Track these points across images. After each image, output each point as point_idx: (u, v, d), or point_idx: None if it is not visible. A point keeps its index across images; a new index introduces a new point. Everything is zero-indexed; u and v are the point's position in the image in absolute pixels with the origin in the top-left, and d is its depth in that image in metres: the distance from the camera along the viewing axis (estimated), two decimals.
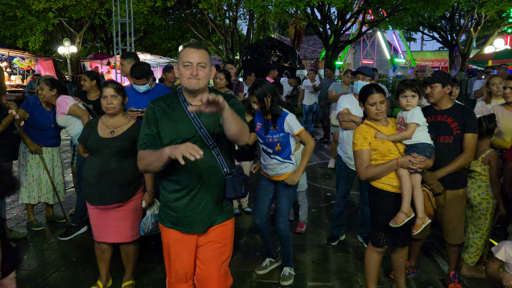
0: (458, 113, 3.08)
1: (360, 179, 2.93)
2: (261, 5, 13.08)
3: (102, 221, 3.03)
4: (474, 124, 3.07)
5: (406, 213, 2.70)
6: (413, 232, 2.76)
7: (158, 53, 24.02)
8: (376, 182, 2.83)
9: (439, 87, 3.07)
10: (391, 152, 2.75)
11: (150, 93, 3.84)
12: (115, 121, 3.02)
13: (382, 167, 2.75)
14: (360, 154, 2.80)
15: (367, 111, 2.85)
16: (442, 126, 3.08)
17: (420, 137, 2.73)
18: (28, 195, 4.38)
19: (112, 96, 2.93)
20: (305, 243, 4.20)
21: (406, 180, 2.69)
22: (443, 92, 3.09)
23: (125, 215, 3.04)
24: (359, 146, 2.80)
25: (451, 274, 3.32)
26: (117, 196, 2.94)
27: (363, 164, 2.79)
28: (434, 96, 3.09)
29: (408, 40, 34.64)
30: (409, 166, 2.66)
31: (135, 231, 3.12)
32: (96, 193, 2.94)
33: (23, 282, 3.39)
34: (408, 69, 27.75)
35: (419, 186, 2.75)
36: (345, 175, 4.03)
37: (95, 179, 2.92)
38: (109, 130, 2.97)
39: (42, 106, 4.26)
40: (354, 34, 22.30)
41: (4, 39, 18.23)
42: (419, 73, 7.49)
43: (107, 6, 15.16)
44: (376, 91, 2.77)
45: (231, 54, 19.23)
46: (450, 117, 3.07)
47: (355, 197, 5.43)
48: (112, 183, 2.91)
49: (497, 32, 19.82)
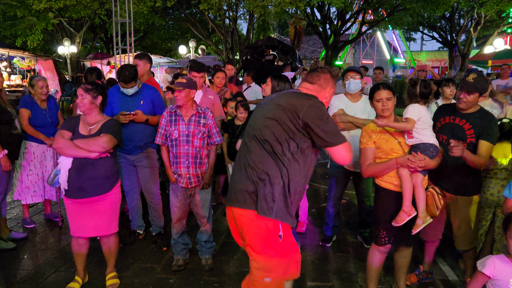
0: (479, 120, 2.90)
1: (363, 176, 2.97)
2: (261, 5, 13.08)
3: (81, 215, 3.10)
4: (492, 132, 2.88)
5: (407, 212, 2.70)
6: (412, 232, 2.76)
7: (158, 53, 24.00)
8: (379, 180, 2.88)
9: (476, 96, 2.90)
10: (394, 151, 2.77)
11: (139, 95, 3.84)
12: (92, 119, 3.14)
13: (382, 165, 2.79)
14: (364, 152, 2.87)
15: (375, 108, 2.89)
16: (457, 129, 2.95)
17: (423, 136, 2.72)
18: (32, 195, 4.42)
19: (81, 95, 3.07)
20: (305, 243, 4.20)
21: (406, 179, 2.71)
22: (477, 100, 2.94)
23: (104, 208, 3.12)
24: (364, 144, 2.87)
25: (468, 281, 3.23)
26: (97, 189, 3.04)
27: (365, 162, 2.86)
28: (468, 103, 2.92)
29: (408, 40, 34.63)
30: (408, 164, 2.66)
31: (114, 223, 3.22)
32: (75, 186, 3.00)
33: (23, 282, 3.39)
34: (408, 69, 27.73)
35: (421, 186, 2.74)
36: (341, 176, 3.99)
37: (75, 172, 2.99)
38: (88, 128, 3.11)
39: (37, 104, 4.29)
40: (354, 34, 22.31)
41: (4, 39, 18.23)
42: (420, 73, 7.47)
43: (107, 7, 15.15)
44: (382, 88, 2.83)
45: (231, 54, 19.21)
46: (468, 122, 2.93)
47: (354, 197, 5.42)
48: (92, 176, 3.00)
49: (497, 32, 19.79)
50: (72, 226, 3.16)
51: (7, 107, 3.90)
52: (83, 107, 3.07)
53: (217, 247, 3.99)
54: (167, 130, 3.41)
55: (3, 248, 3.93)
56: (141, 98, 3.84)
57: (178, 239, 3.61)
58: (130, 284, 3.37)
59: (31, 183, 4.40)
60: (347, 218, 4.89)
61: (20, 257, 3.85)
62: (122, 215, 4.40)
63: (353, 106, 3.83)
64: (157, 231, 4.14)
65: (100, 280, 3.41)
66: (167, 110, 3.45)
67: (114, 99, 3.82)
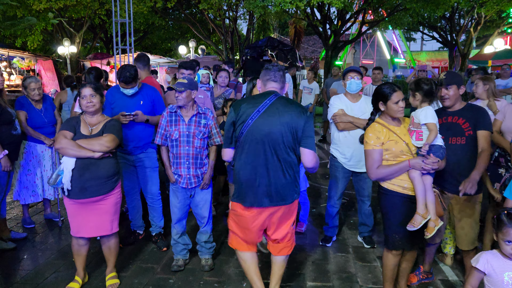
0: (470, 113, 2.99)
1: (370, 179, 2.91)
2: (261, 6, 13.06)
3: (82, 215, 3.10)
4: (485, 121, 2.97)
5: (422, 215, 2.67)
6: (426, 235, 2.72)
7: (158, 53, 24.01)
8: (387, 183, 2.80)
9: (455, 88, 2.97)
10: (404, 153, 2.72)
11: (139, 95, 3.83)
12: (94, 120, 3.15)
13: (394, 167, 2.72)
14: (372, 154, 2.77)
15: (390, 110, 2.79)
16: (454, 127, 2.99)
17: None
18: (31, 195, 4.42)
19: (91, 95, 3.06)
20: (305, 243, 4.20)
21: (418, 182, 2.67)
22: (458, 93, 2.99)
23: (106, 208, 3.13)
24: (372, 146, 2.76)
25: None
26: (100, 189, 3.04)
27: (374, 164, 2.76)
28: (451, 98, 2.99)
29: (408, 40, 34.57)
30: (422, 167, 2.64)
31: (115, 223, 3.23)
32: (78, 186, 3.00)
33: (23, 282, 3.39)
34: (408, 69, 27.73)
35: (431, 188, 2.72)
36: (341, 176, 3.98)
37: (78, 172, 2.99)
38: (90, 128, 3.11)
39: (32, 105, 4.29)
40: (354, 34, 22.29)
41: (4, 39, 18.22)
42: (420, 73, 7.46)
43: (107, 7, 15.14)
44: (397, 89, 2.78)
45: (231, 54, 19.21)
46: (461, 117, 2.99)
47: (354, 197, 5.42)
48: (94, 176, 3.01)
49: (497, 32, 19.79)
50: (72, 227, 3.17)
51: (7, 107, 3.90)
52: (93, 107, 3.08)
53: (217, 247, 3.99)
54: (167, 130, 3.41)
55: (3, 248, 3.93)
56: (141, 98, 3.83)
57: (178, 240, 3.61)
58: (130, 284, 3.37)
59: (30, 183, 4.40)
60: (347, 218, 4.89)
61: (20, 257, 3.85)
62: (122, 215, 4.41)
63: (353, 106, 3.83)
64: (157, 231, 4.14)
65: (100, 280, 3.41)
66: (167, 110, 3.45)
67: (114, 99, 3.82)
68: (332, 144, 4.03)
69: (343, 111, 3.78)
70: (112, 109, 3.80)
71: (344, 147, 3.87)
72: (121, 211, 3.64)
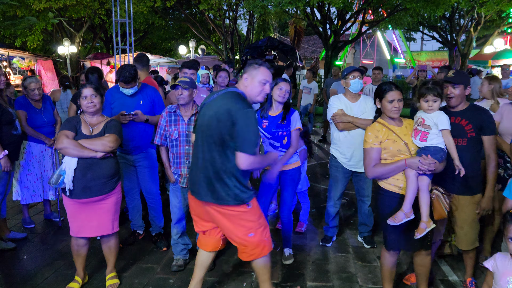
0: (473, 114, 2.95)
1: (367, 177, 2.91)
2: (260, 6, 13.06)
3: (83, 215, 3.10)
4: (491, 125, 2.95)
5: (406, 213, 2.68)
6: (416, 235, 2.72)
7: (158, 53, 24.03)
8: (383, 182, 2.81)
9: (461, 88, 2.94)
10: (402, 153, 2.72)
11: (138, 95, 3.83)
12: (94, 120, 3.15)
13: (390, 166, 2.72)
14: (369, 152, 2.78)
15: (384, 108, 2.81)
16: (456, 128, 2.94)
17: (434, 140, 2.71)
18: (32, 195, 4.42)
19: (91, 96, 3.07)
20: (305, 243, 4.20)
21: (412, 181, 2.67)
22: (464, 93, 2.96)
23: (107, 207, 3.14)
24: (370, 144, 2.78)
25: (468, 281, 3.26)
26: (102, 189, 3.05)
27: (371, 163, 2.77)
28: (457, 97, 2.94)
29: (408, 40, 34.60)
30: (418, 167, 2.63)
31: (116, 223, 3.24)
32: (80, 186, 3.00)
33: (23, 282, 3.39)
34: (408, 69, 27.73)
35: (426, 189, 2.71)
36: (341, 176, 3.98)
37: (80, 172, 2.98)
38: (90, 128, 3.11)
39: (32, 105, 4.29)
40: (354, 34, 22.27)
41: (4, 39, 18.22)
42: (420, 73, 7.46)
43: (107, 7, 15.14)
44: (395, 88, 2.78)
45: (231, 54, 19.22)
46: (464, 119, 2.95)
47: (354, 197, 5.42)
48: (97, 176, 3.01)
49: (497, 32, 19.79)
50: (72, 227, 3.16)
51: (8, 107, 3.90)
52: (94, 107, 3.09)
53: None
54: (167, 130, 3.41)
55: (3, 248, 3.93)
56: (140, 98, 3.83)
57: (178, 240, 3.61)
58: (130, 284, 3.37)
59: (30, 183, 4.41)
60: (347, 218, 4.89)
61: (20, 257, 3.85)
62: (122, 215, 4.41)
63: (352, 106, 3.82)
64: (157, 231, 4.14)
65: (100, 280, 3.41)
66: (166, 110, 3.45)
67: (114, 99, 3.82)
68: (332, 144, 4.03)
69: (343, 111, 3.78)
70: (111, 109, 3.80)
71: (344, 147, 3.87)
72: (121, 211, 3.63)
